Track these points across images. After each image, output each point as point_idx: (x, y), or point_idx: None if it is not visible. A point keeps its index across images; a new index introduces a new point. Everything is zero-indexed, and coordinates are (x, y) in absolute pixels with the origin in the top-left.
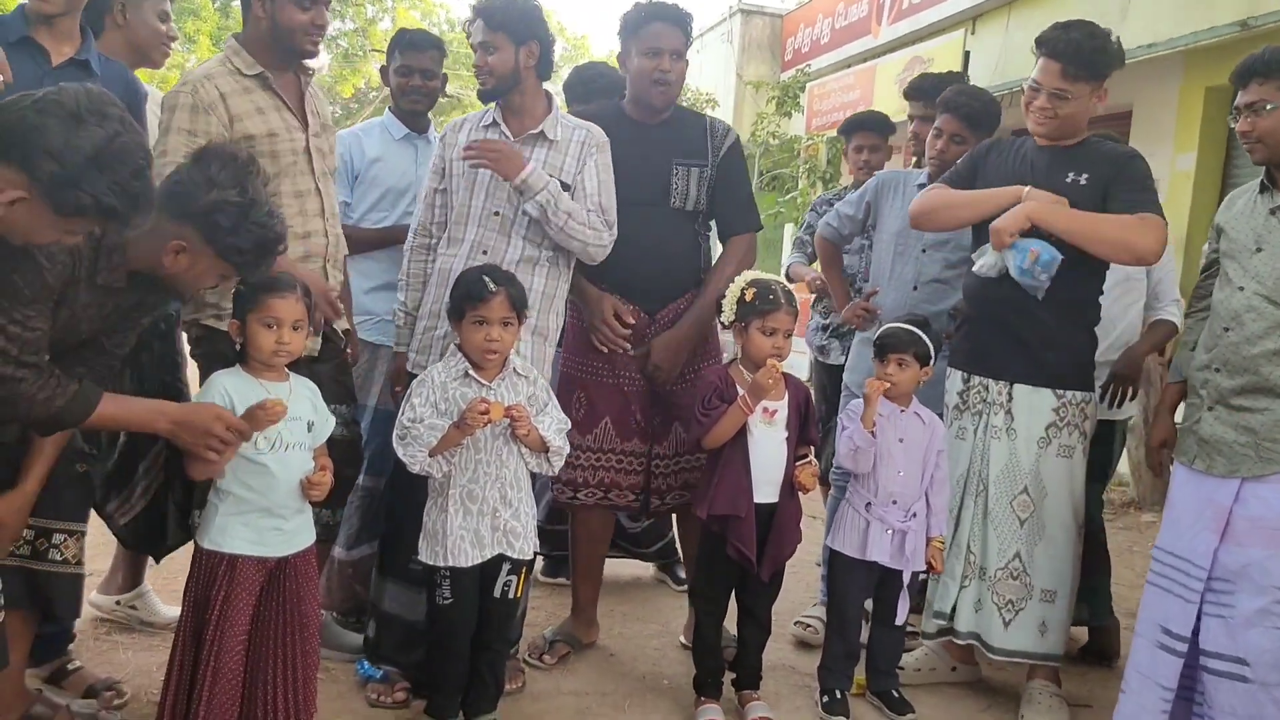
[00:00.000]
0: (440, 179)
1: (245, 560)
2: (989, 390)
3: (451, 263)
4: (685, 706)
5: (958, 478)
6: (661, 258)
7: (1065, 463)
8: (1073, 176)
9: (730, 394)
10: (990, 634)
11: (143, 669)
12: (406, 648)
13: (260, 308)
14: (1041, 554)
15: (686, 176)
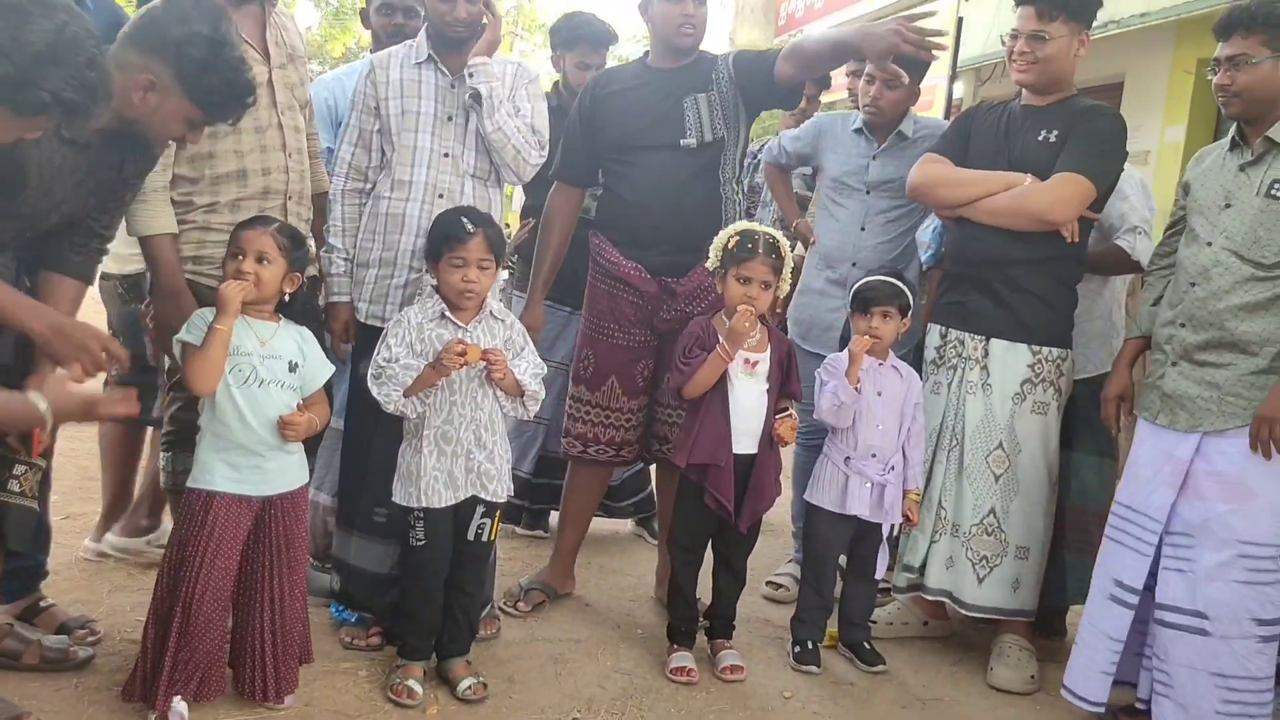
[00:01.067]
0: (374, 119)
1: (225, 497)
2: (964, 345)
3: (404, 207)
4: (658, 655)
5: (930, 431)
6: (674, 206)
7: (1039, 419)
8: (1044, 134)
9: (711, 343)
10: (963, 590)
11: (118, 608)
12: (376, 596)
13: (232, 240)
14: (1016, 510)
15: (696, 105)
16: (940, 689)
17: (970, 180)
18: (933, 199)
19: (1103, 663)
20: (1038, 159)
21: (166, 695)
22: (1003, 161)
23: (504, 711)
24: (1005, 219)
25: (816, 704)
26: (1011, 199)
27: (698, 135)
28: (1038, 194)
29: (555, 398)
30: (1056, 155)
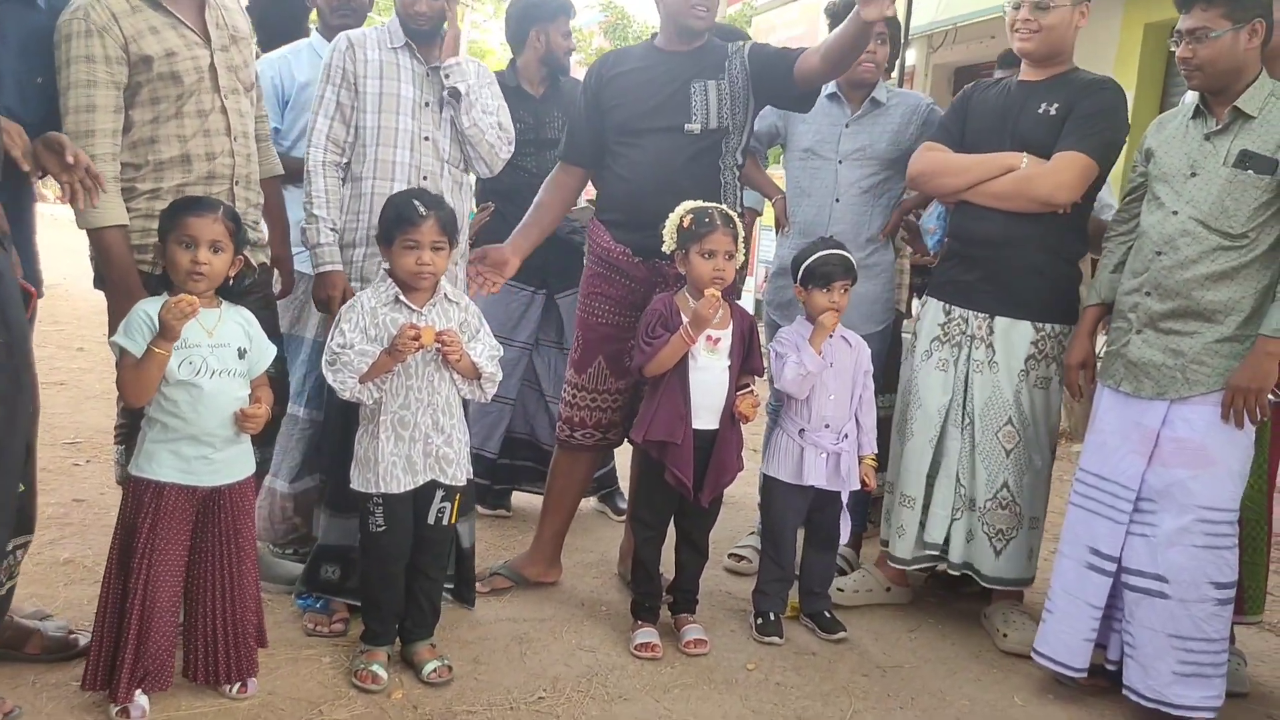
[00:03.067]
0: (351, 94)
1: (172, 488)
2: (969, 323)
3: (390, 188)
4: (622, 632)
5: (939, 408)
6: (671, 188)
7: (1042, 393)
8: (1044, 107)
9: (674, 322)
10: (982, 563)
11: (74, 601)
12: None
13: (177, 227)
14: (1028, 483)
15: (704, 91)
16: (900, 656)
17: (968, 166)
18: (934, 188)
19: (1084, 630)
20: (1039, 133)
21: (129, 688)
22: (1005, 140)
23: (470, 693)
24: (1009, 203)
25: (780, 674)
26: (1015, 183)
27: (702, 121)
28: (1041, 177)
29: (520, 379)
30: (1058, 129)
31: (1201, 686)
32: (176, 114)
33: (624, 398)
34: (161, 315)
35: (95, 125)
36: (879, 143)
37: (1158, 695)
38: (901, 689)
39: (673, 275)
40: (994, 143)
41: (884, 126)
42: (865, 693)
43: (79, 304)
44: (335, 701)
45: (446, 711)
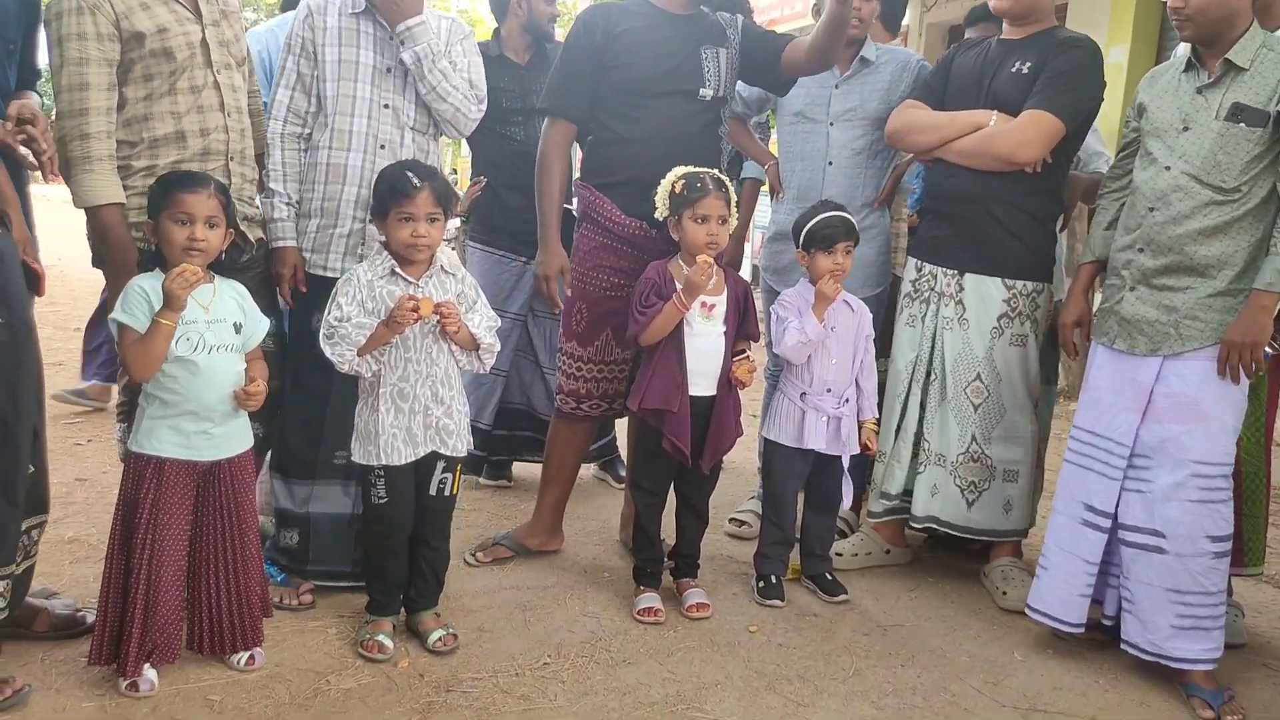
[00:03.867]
0: (311, 63)
1: (173, 463)
2: (938, 280)
3: (345, 158)
4: (625, 597)
5: (907, 363)
6: (685, 155)
7: (1019, 350)
8: (1018, 66)
9: (668, 291)
10: (952, 515)
11: (80, 579)
12: (339, 543)
13: (172, 204)
14: (999, 436)
15: (716, 58)
16: (900, 615)
17: (939, 123)
18: (907, 144)
19: (1079, 586)
20: (1011, 92)
21: (137, 662)
22: (980, 99)
23: (475, 660)
24: (974, 160)
25: (781, 636)
26: (979, 141)
27: (714, 87)
28: (1004, 135)
29: (513, 349)
30: (1029, 87)
31: (1200, 639)
32: (170, 90)
33: (629, 367)
34: (166, 286)
35: (89, 103)
36: (870, 102)
37: (1156, 648)
38: (902, 647)
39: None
40: (970, 102)
41: (874, 85)
42: (866, 651)
43: (75, 284)
44: (343, 671)
45: (452, 679)
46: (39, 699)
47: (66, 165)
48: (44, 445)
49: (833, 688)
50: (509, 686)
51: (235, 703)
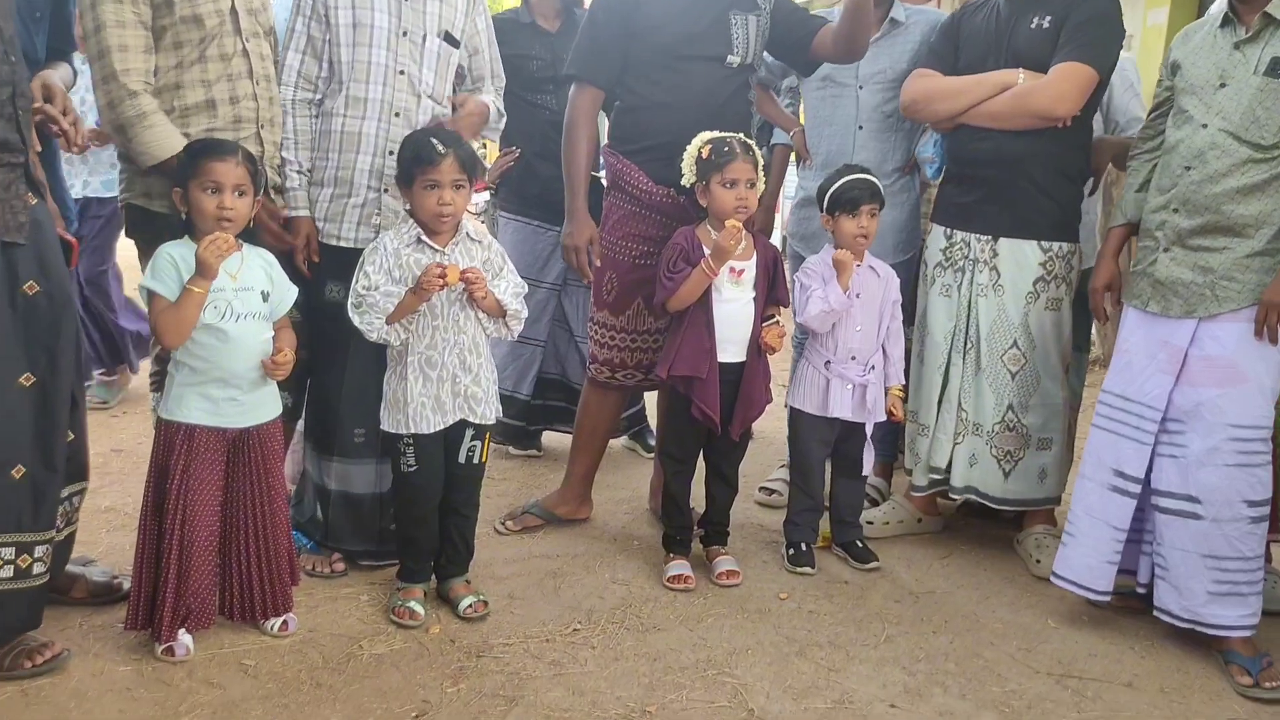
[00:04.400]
0: (323, 26)
1: (202, 430)
2: (971, 247)
3: (359, 125)
4: (655, 565)
5: (946, 334)
6: (716, 120)
7: (1053, 315)
8: (1036, 21)
9: (696, 256)
10: (990, 485)
11: (116, 546)
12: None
13: (201, 172)
14: (1035, 404)
15: (745, 25)
16: (933, 582)
17: (963, 88)
18: (928, 114)
19: (1107, 552)
20: (1033, 48)
21: (171, 627)
22: (1000, 59)
23: (506, 626)
24: (1008, 121)
25: (812, 603)
26: (1013, 99)
27: (742, 54)
28: (1040, 91)
29: (550, 319)
30: (1052, 42)
31: (1237, 605)
32: (200, 58)
33: (662, 336)
34: (200, 254)
35: (130, 63)
36: (900, 64)
37: (1192, 615)
38: (934, 613)
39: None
40: (989, 63)
41: (904, 47)
42: (898, 618)
43: None
44: (375, 637)
45: (483, 644)
46: (77, 663)
47: (123, 127)
48: (83, 413)
49: (864, 653)
50: (539, 652)
51: (269, 667)
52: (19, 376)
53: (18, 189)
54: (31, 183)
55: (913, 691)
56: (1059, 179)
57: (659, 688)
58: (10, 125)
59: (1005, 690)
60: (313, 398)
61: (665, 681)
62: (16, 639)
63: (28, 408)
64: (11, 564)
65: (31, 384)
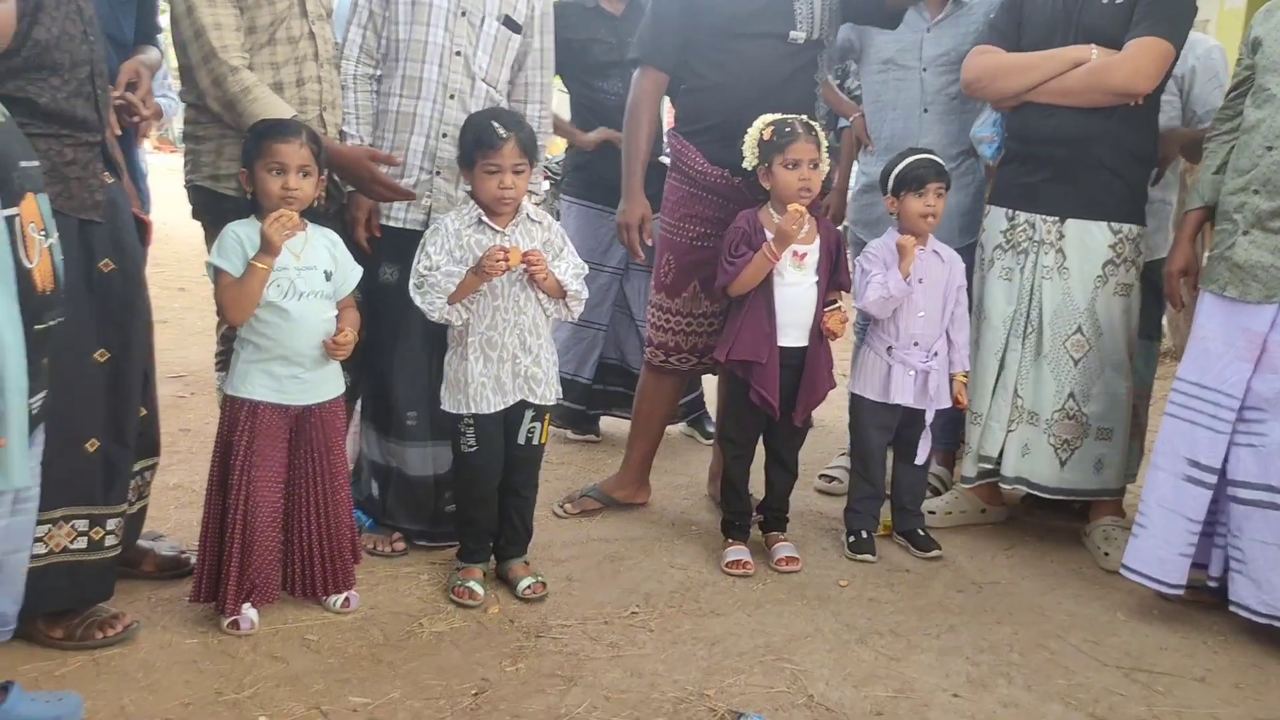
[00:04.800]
0: (384, 2)
1: (266, 407)
2: (1036, 228)
3: (414, 106)
4: (713, 550)
5: (1004, 319)
6: (774, 100)
7: (1122, 300)
8: None
9: (758, 240)
10: (1043, 475)
11: (185, 523)
12: (418, 501)
13: (265, 153)
14: (1098, 393)
15: (810, 1)
16: (997, 573)
17: (1032, 63)
18: (993, 91)
19: (1180, 544)
20: (1106, 23)
21: (235, 601)
22: (1070, 34)
23: (564, 608)
24: (1081, 97)
25: (873, 590)
26: (1088, 75)
27: (807, 29)
28: (1116, 66)
29: (612, 303)
30: (1126, 17)
31: None
32: (269, 41)
33: (720, 320)
34: (264, 230)
35: (226, 40)
36: (964, 45)
37: (1272, 609)
38: (998, 604)
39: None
40: (1058, 40)
41: (967, 27)
42: (961, 608)
43: (179, 246)
44: (435, 615)
45: (542, 625)
46: (146, 634)
47: (230, 103)
48: (154, 390)
49: (926, 643)
50: (597, 634)
51: (332, 642)
52: (93, 352)
53: (95, 168)
54: (109, 162)
55: (976, 682)
56: (1128, 159)
57: (717, 672)
58: (89, 104)
59: (1072, 683)
60: (368, 379)
61: (723, 666)
62: (88, 610)
63: (101, 383)
64: (85, 535)
65: (105, 360)
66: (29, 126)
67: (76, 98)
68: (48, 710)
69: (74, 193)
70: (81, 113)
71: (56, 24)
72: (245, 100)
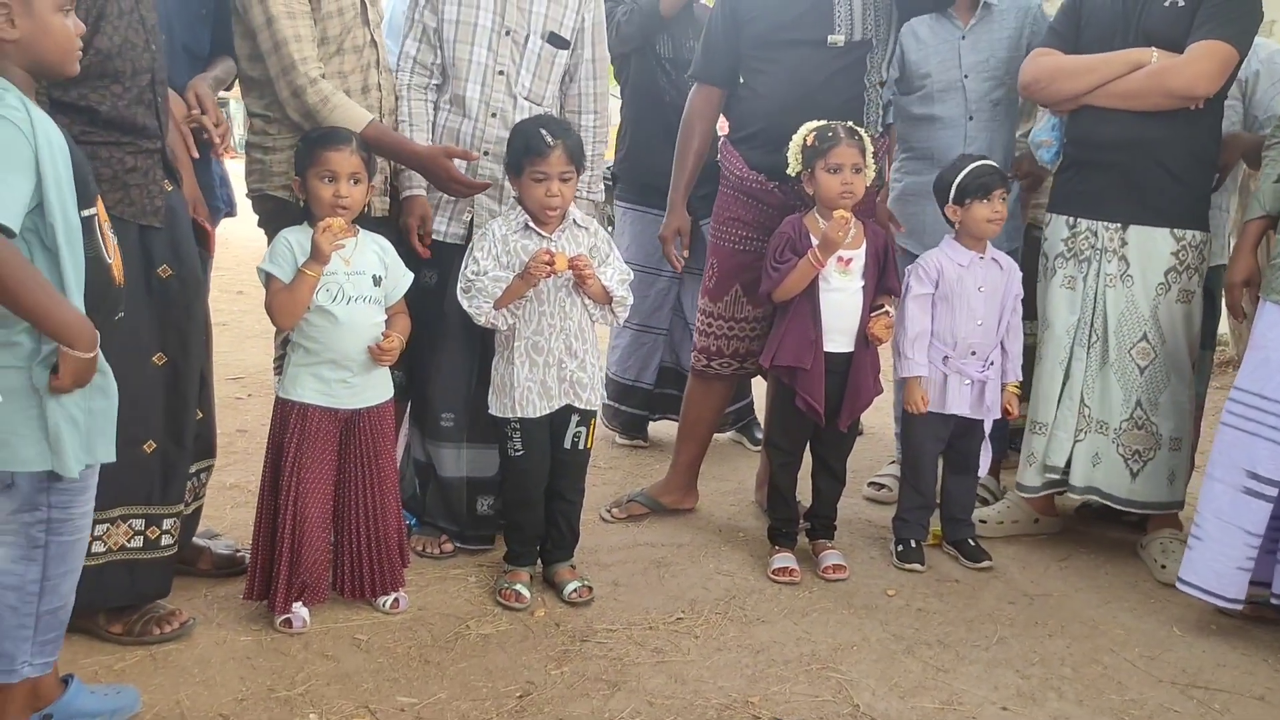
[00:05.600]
0: (435, 18)
1: (315, 410)
2: (1098, 235)
3: (458, 123)
4: (760, 557)
5: (1068, 328)
6: (815, 106)
7: (1184, 308)
8: (1170, 1)
9: (803, 245)
10: (1115, 486)
11: (240, 522)
12: (452, 501)
13: (317, 161)
14: (1166, 402)
15: (849, 3)
16: (1049, 585)
17: (1091, 66)
18: (1051, 94)
19: (1238, 558)
20: (1168, 27)
21: (286, 600)
22: (1129, 37)
23: (610, 613)
24: (1142, 100)
25: (921, 600)
26: (1149, 78)
27: (846, 32)
28: (1179, 69)
29: (670, 308)
30: (1188, 21)
31: None
32: (338, 50)
33: (762, 325)
34: (316, 239)
35: (306, 52)
36: (999, 50)
37: None
38: (1050, 617)
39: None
40: (1116, 43)
41: (999, 33)
42: (1012, 620)
43: (238, 250)
44: (482, 618)
45: (587, 629)
46: (202, 631)
47: (310, 114)
48: (211, 392)
49: (975, 654)
50: (642, 639)
51: (381, 642)
52: (152, 356)
53: (155, 175)
54: (168, 169)
55: (1026, 695)
56: (1191, 164)
57: (762, 679)
58: (149, 112)
59: (1125, 699)
60: (411, 380)
61: (768, 674)
62: (147, 606)
63: (159, 386)
64: (141, 535)
65: (163, 363)
66: (91, 134)
67: (137, 105)
68: (106, 703)
69: (134, 199)
70: (142, 120)
71: (119, 32)
72: (324, 110)
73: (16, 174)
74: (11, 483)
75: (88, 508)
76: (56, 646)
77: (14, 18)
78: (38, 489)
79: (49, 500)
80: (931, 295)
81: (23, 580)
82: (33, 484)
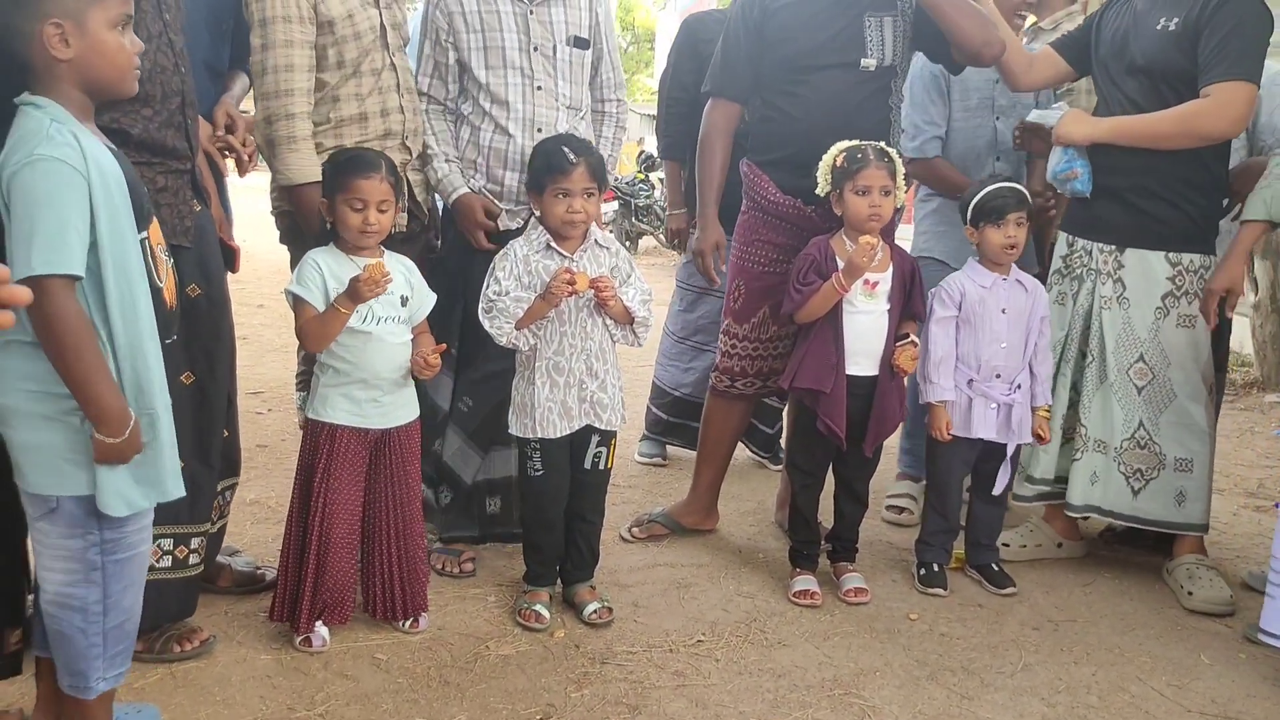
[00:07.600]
0: (451, 51)
1: (345, 430)
2: (1092, 256)
3: (506, 142)
4: (781, 579)
5: (1055, 343)
6: (847, 129)
7: (1187, 332)
8: (1162, 23)
9: (828, 268)
10: (1117, 504)
11: (260, 539)
12: (469, 507)
13: (346, 189)
14: (1169, 423)
15: (880, 27)
16: (1074, 610)
17: None
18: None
19: None
20: (1157, 51)
21: (309, 619)
22: (1125, 61)
23: (630, 634)
24: (1171, 143)
25: (944, 625)
26: (1179, 122)
27: (878, 57)
28: (1210, 114)
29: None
30: (1175, 46)
31: None
32: (355, 73)
33: (787, 344)
34: (360, 284)
35: (294, 84)
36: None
37: None
38: (1075, 643)
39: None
40: (1116, 66)
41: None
42: (1036, 646)
43: (259, 264)
44: (501, 638)
45: (607, 651)
46: (223, 649)
47: (271, 144)
48: (236, 411)
49: (999, 681)
50: (663, 662)
51: (401, 662)
52: (180, 375)
53: (185, 195)
54: (197, 189)
55: None
56: (1185, 189)
57: (783, 705)
58: (179, 134)
59: None
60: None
61: (790, 699)
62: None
63: (187, 405)
64: (170, 554)
65: (191, 383)
66: None
67: (168, 128)
68: None
69: (165, 219)
70: (173, 142)
71: (148, 57)
72: (286, 146)
73: (77, 216)
74: (56, 506)
75: (144, 522)
76: (127, 657)
77: (68, 37)
78: (86, 513)
79: (98, 524)
80: (955, 318)
81: (85, 603)
82: (77, 508)
